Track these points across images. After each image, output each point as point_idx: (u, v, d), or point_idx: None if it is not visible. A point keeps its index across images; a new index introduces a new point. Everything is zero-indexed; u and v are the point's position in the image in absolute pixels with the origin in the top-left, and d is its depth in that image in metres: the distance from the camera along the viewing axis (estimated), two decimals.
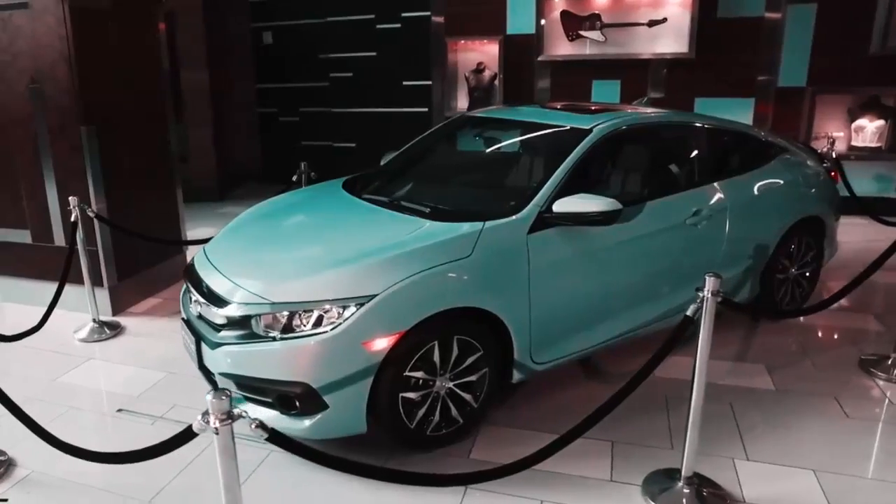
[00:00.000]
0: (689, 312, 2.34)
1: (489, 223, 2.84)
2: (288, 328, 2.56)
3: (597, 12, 6.94)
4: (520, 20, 7.26)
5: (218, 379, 2.77)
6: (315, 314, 2.54)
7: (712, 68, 6.87)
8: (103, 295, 4.22)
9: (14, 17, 3.81)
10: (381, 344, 2.52)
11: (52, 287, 3.79)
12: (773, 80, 6.83)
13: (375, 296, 2.52)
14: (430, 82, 7.79)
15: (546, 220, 2.92)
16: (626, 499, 2.53)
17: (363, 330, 2.50)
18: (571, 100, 7.05)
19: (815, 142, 6.66)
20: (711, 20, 6.74)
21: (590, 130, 3.25)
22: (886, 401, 3.24)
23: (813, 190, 4.14)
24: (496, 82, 7.45)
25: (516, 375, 2.99)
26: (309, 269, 2.71)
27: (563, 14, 7.03)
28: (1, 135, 4.10)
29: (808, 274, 4.21)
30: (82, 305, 4.08)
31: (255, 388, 2.65)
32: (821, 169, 4.26)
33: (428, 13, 7.59)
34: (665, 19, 6.81)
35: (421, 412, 2.72)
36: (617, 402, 2.33)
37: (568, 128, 3.36)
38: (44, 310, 3.71)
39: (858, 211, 5.25)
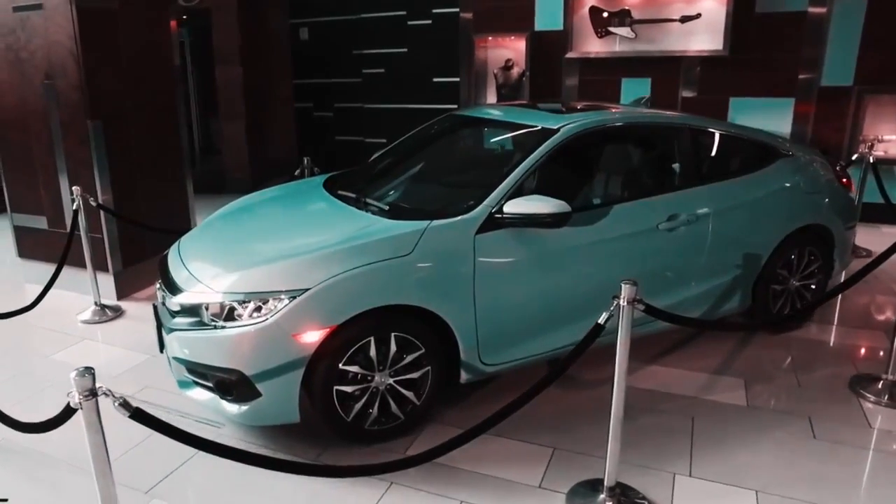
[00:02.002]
0: (600, 320, 2.31)
1: (435, 222, 2.89)
2: (229, 317, 2.70)
3: (627, 8, 6.80)
4: (548, 16, 7.21)
5: (171, 363, 2.95)
6: (252, 305, 2.66)
7: (749, 66, 6.61)
8: (109, 280, 4.52)
9: (30, 17, 4.15)
10: (312, 337, 2.62)
11: (66, 270, 4.11)
12: (816, 78, 6.50)
13: (307, 290, 2.62)
14: (458, 79, 7.84)
15: (497, 220, 2.93)
16: None
17: (293, 322, 2.61)
18: (599, 99, 6.96)
19: (861, 145, 6.29)
20: (749, 16, 6.48)
21: (556, 130, 3.24)
22: (865, 424, 3.07)
23: (818, 197, 3.94)
24: (524, 80, 7.42)
25: (464, 376, 3.03)
26: (254, 262, 2.84)
27: (592, 10, 6.93)
28: (20, 127, 4.46)
29: (813, 286, 4.02)
30: (90, 289, 4.39)
31: (199, 374, 2.81)
32: (829, 175, 4.05)
33: (457, 9, 7.64)
34: (699, 15, 6.60)
35: (358, 406, 2.80)
36: (520, 404, 2.33)
37: (538, 128, 3.35)
38: (60, 291, 4.04)
39: None
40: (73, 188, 4.06)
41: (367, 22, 8.39)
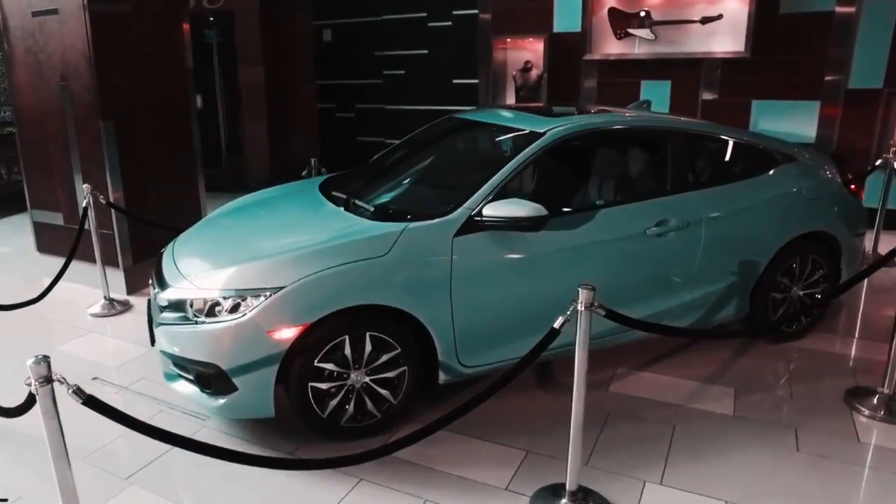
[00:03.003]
0: (556, 324, 2.34)
1: (412, 224, 2.95)
2: (210, 313, 2.81)
3: (646, 9, 6.74)
4: (567, 18, 7.19)
5: (160, 356, 3.08)
6: (230, 302, 2.77)
7: (772, 68, 6.48)
8: (119, 275, 4.72)
9: (48, 21, 4.37)
10: (286, 334, 2.71)
11: (80, 265, 4.32)
12: (843, 80, 6.33)
13: (282, 288, 2.72)
14: (477, 81, 7.89)
15: (477, 223, 2.98)
16: None
17: (268, 319, 2.70)
18: (618, 102, 6.90)
19: (893, 149, 6.10)
20: (773, 16, 6.35)
21: (543, 134, 3.26)
22: (854, 438, 3.01)
23: (822, 203, 3.86)
24: (542, 82, 7.42)
25: (443, 377, 3.08)
26: (235, 260, 2.95)
27: (611, 11, 6.89)
28: (39, 127, 4.70)
29: (819, 295, 3.94)
30: (101, 283, 4.60)
31: (182, 367, 2.93)
32: (835, 181, 3.96)
33: (476, 11, 7.69)
34: (720, 16, 6.49)
35: (334, 403, 2.88)
36: (477, 403, 2.37)
37: (527, 131, 3.38)
38: (74, 285, 4.24)
39: None
40: (84, 186, 4.25)
41: (389, 24, 8.51)
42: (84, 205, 4.24)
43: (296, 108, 8.93)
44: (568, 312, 2.31)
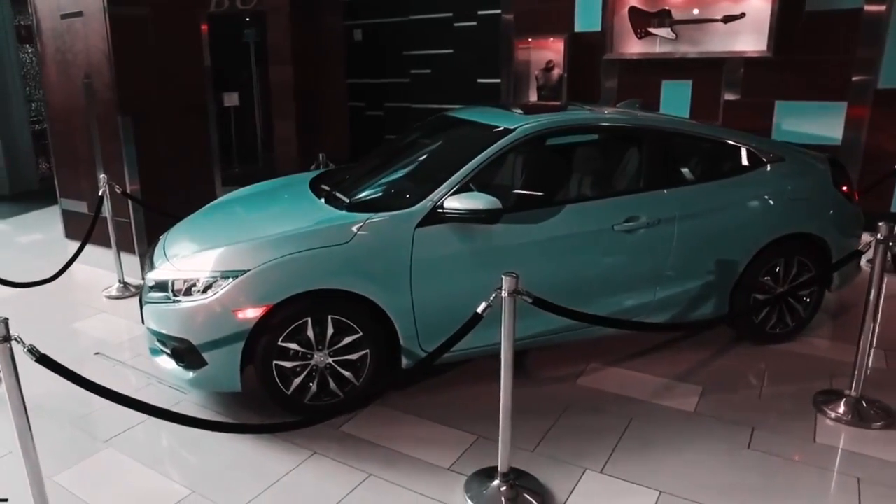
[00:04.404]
0: (479, 310, 2.48)
1: (375, 215, 3.14)
2: (188, 293, 3.08)
3: (667, 8, 6.74)
4: (588, 17, 7.25)
5: (146, 333, 3.37)
6: (202, 283, 3.02)
7: (796, 68, 6.38)
8: (135, 260, 5.09)
9: (74, 23, 4.78)
10: (251, 313, 2.95)
11: (100, 250, 4.71)
12: (873, 80, 6.17)
13: (247, 271, 2.95)
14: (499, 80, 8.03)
15: (439, 215, 3.15)
16: (448, 487, 2.71)
17: (234, 299, 2.95)
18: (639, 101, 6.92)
19: None
20: (798, 14, 6.26)
21: (512, 130, 3.40)
22: (810, 439, 3.03)
23: (807, 204, 3.85)
24: (563, 82, 7.50)
25: (405, 362, 3.26)
26: (214, 245, 3.21)
27: (632, 10, 6.91)
28: (66, 121, 5.13)
29: (807, 298, 3.93)
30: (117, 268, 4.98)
31: (162, 342, 3.21)
32: (826, 183, 3.93)
33: (499, 11, 7.83)
34: (743, 14, 6.44)
35: (298, 381, 3.10)
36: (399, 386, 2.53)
37: (500, 128, 3.52)
38: (94, 269, 4.64)
39: None
40: (101, 176, 4.62)
41: (416, 23, 8.73)
42: (100, 194, 4.61)
43: (327, 106, 9.26)
44: (491, 298, 2.45)
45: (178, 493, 2.68)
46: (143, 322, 3.55)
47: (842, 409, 3.22)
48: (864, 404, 3.21)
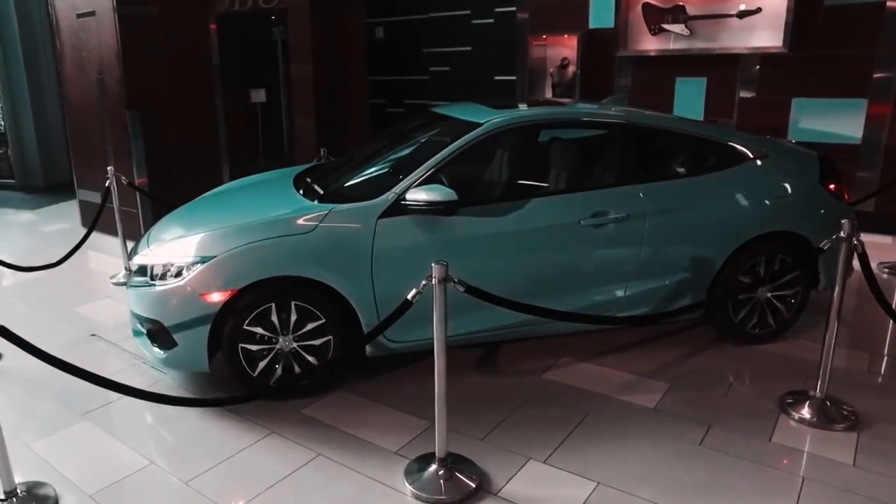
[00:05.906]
0: (409, 296, 2.58)
1: (339, 206, 3.28)
2: (163, 277, 3.28)
3: (681, 4, 6.69)
4: (601, 14, 7.25)
5: (130, 315, 3.60)
6: (176, 268, 3.22)
7: (815, 64, 6.25)
8: None
9: (88, 21, 5.08)
10: (216, 297, 3.13)
11: (113, 239, 4.99)
12: (894, 77, 6.00)
13: (214, 257, 3.13)
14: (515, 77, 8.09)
15: (402, 207, 3.27)
16: (390, 470, 2.82)
17: (201, 284, 3.13)
18: (652, 99, 6.88)
19: None
20: (815, 9, 6.13)
21: (480, 124, 3.49)
22: (766, 438, 3.02)
23: (789, 202, 3.81)
24: (577, 78, 7.51)
25: (369, 349, 3.39)
26: (190, 233, 3.40)
27: (645, 6, 6.88)
28: (80, 115, 5.44)
29: (792, 299, 3.89)
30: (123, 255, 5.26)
31: (141, 323, 3.43)
32: (811, 181, 3.88)
33: (514, 8, 7.89)
34: (759, 9, 6.34)
35: (263, 364, 3.26)
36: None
37: (471, 122, 3.61)
38: (105, 256, 4.94)
39: None
40: (108, 168, 4.90)
41: (435, 21, 8.86)
42: (107, 185, 4.89)
43: (348, 103, 9.47)
44: (422, 285, 2.56)
45: (137, 463, 2.88)
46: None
47: (806, 410, 3.19)
48: (829, 405, 3.18)
